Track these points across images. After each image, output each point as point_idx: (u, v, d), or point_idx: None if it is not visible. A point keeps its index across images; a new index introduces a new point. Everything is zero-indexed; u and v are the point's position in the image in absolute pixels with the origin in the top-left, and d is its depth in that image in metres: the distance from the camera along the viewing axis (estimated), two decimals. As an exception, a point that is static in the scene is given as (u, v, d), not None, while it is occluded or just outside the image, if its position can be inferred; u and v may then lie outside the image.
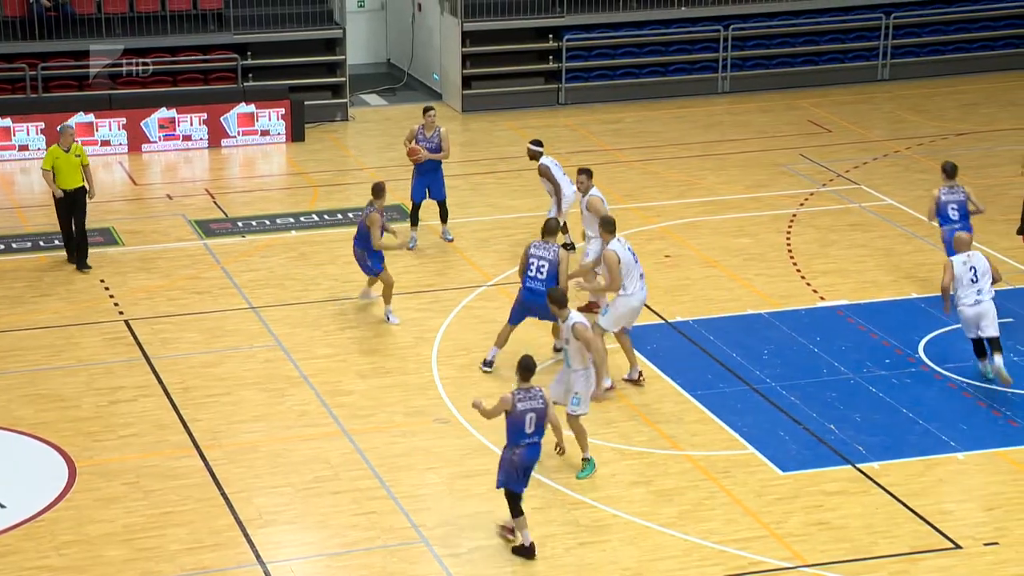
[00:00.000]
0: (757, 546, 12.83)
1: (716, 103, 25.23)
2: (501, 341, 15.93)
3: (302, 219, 20.41)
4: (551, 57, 25.46)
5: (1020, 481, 13.75)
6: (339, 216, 20.47)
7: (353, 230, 17.29)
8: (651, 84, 25.73)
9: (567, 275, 15.52)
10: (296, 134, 23.58)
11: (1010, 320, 16.94)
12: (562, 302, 13.93)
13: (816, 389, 15.53)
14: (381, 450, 14.47)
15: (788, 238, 19.36)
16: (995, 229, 19.43)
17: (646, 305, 16.15)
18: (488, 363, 15.95)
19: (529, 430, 12.59)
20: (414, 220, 19.27)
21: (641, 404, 15.28)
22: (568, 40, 25.31)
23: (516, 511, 12.71)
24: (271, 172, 22.86)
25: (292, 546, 13.00)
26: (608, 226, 15.39)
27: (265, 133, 23.46)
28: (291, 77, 24.34)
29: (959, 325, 16.13)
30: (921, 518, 13.20)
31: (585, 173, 16.92)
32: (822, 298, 17.70)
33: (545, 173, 18.49)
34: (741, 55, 25.85)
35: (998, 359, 15.18)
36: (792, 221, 20.06)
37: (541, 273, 15.40)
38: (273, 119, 23.45)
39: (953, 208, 17.32)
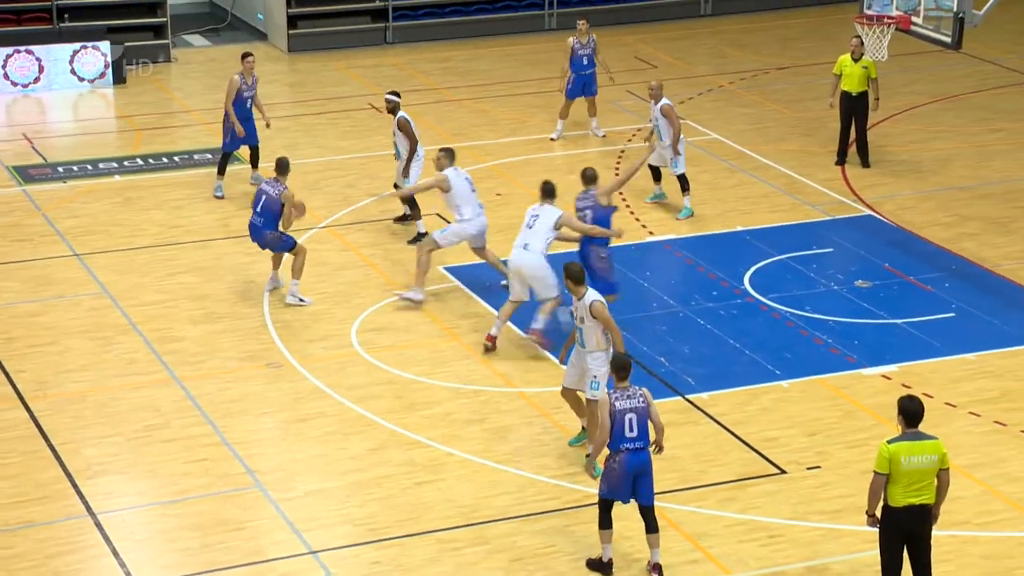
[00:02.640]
0: (590, 480, 13.03)
1: (544, 40, 25.29)
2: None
3: (126, 163, 19.97)
4: (377, -5, 25.23)
5: (839, 407, 14.18)
6: (164, 160, 20.07)
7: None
8: (479, 22, 25.68)
9: (581, 229, 15.06)
10: (117, 76, 23.01)
11: (830, 250, 17.40)
12: (578, 278, 13.05)
13: (647, 323, 15.76)
14: (213, 396, 14.32)
15: (617, 174, 19.54)
16: (816, 162, 19.88)
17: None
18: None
19: (630, 433, 11.47)
20: (222, 169, 18.85)
21: (475, 342, 15.35)
22: (394, -22, 25.09)
23: (604, 521, 11.60)
24: (92, 116, 22.30)
25: (123, 496, 12.82)
26: (449, 155, 16.04)
27: (84, 76, 22.84)
28: (110, 18, 23.72)
29: (783, 256, 16.57)
30: (748, 445, 13.54)
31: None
32: (651, 233, 17.94)
33: (404, 128, 17.63)
34: (568, -9, 25.95)
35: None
36: (620, 157, 20.25)
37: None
38: (92, 61, 22.83)
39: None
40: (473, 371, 14.84)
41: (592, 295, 13.05)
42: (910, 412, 10.61)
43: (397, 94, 17.95)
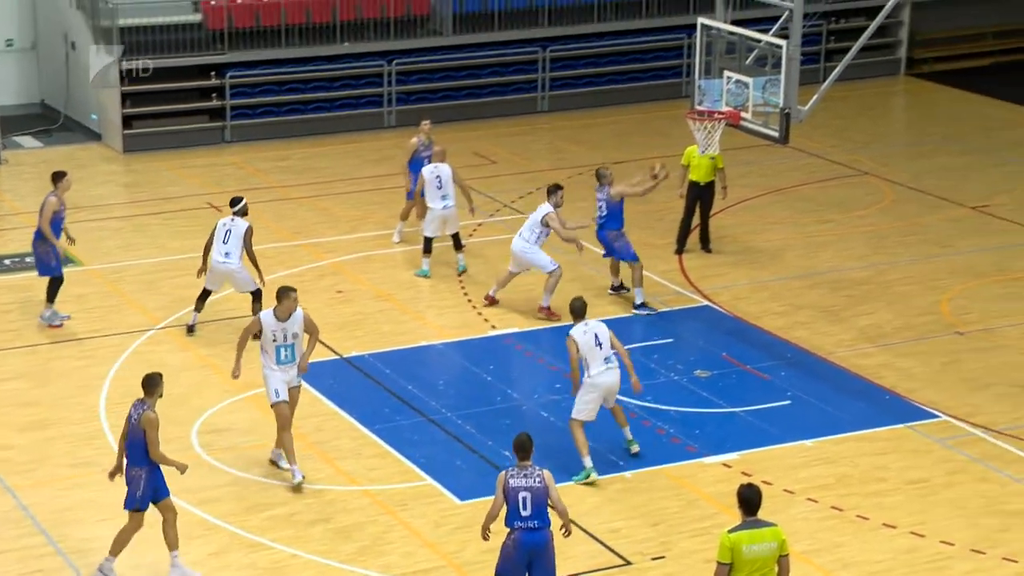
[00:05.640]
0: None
1: (384, 137, 25.42)
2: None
3: (-45, 267, 19.48)
4: (214, 94, 25.12)
5: (682, 496, 14.32)
6: (-5, 263, 19.63)
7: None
8: (318, 120, 25.73)
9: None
10: (-54, 178, 22.51)
11: (670, 340, 17.66)
12: (578, 312, 14.59)
13: (491, 417, 15.78)
14: (47, 505, 13.91)
15: (458, 263, 19.62)
16: (655, 254, 20.22)
17: (321, 341, 16.08)
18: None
19: (524, 512, 11.44)
20: (52, 296, 17.73)
21: (318, 441, 15.20)
22: (232, 77, 25.04)
23: None
24: (-81, 219, 21.74)
25: (-47, 613, 12.35)
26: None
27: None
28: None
29: (625, 347, 16.77)
30: (593, 537, 13.57)
31: None
32: (493, 327, 18.02)
33: None
34: (406, 89, 26.14)
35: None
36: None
37: None
38: (-80, 163, 22.29)
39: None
40: (317, 470, 14.65)
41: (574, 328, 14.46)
42: (748, 500, 10.75)
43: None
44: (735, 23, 18.12)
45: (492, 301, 18.45)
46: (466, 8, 26.55)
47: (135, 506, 12.63)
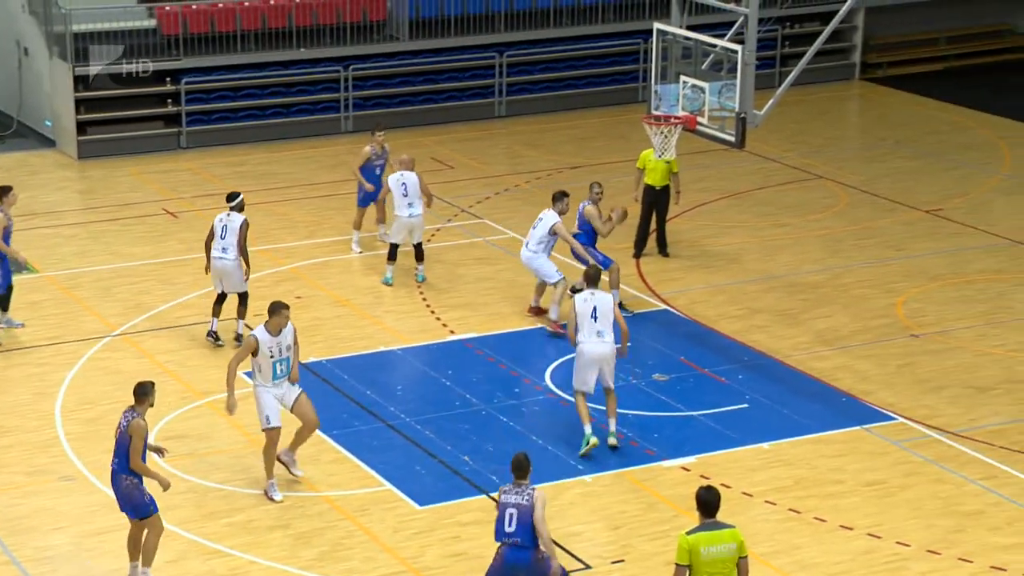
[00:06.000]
0: (397, 582, 12.93)
1: (341, 143, 25.37)
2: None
3: (-93, 275, 19.27)
4: (170, 100, 25.01)
5: (641, 499, 14.36)
6: (-51, 270, 19.42)
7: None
8: (275, 125, 25.66)
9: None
10: (-102, 185, 22.26)
11: (628, 344, 17.67)
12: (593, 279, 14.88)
13: (450, 422, 15.77)
14: (1, 513, 13.78)
15: (417, 273, 19.61)
16: (613, 258, 20.21)
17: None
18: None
19: (508, 528, 11.51)
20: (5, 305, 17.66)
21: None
22: (187, 83, 24.93)
23: None
24: None
25: (-93, 623, 12.22)
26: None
27: None
28: None
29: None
30: (553, 541, 13.55)
31: None
32: (452, 332, 18.02)
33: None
34: (362, 95, 26.11)
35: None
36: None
37: None
38: None
39: None
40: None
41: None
42: (707, 502, 10.79)
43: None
44: (691, 28, 18.20)
45: (538, 311, 18.17)
46: (423, 13, 26.55)
47: (148, 511, 12.43)
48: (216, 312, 17.37)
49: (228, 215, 17.19)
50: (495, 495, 11.71)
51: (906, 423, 15.89)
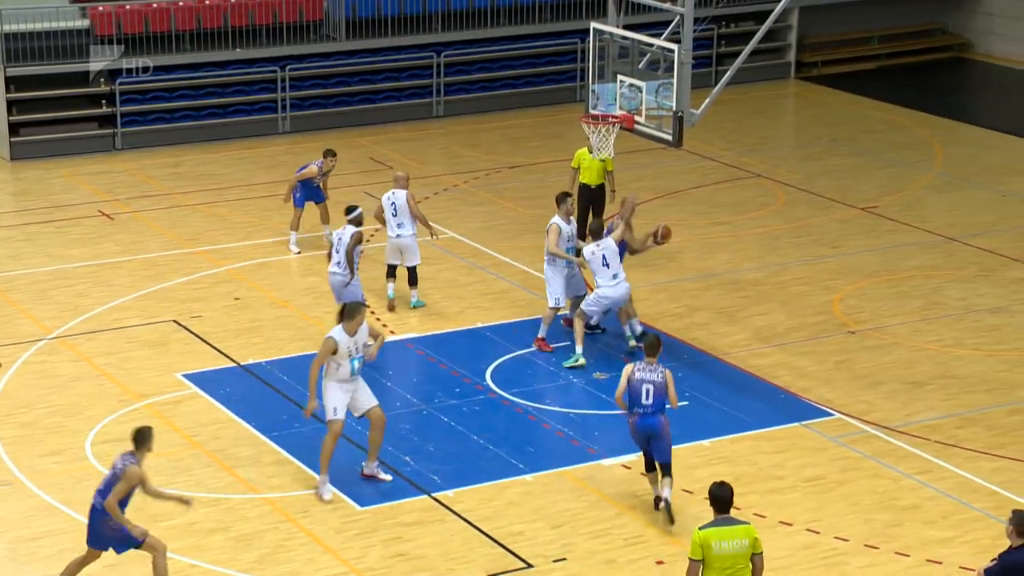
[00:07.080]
0: (339, 583, 12.88)
1: (278, 143, 25.26)
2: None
3: None
4: (104, 101, 24.79)
5: (583, 498, 14.40)
6: None
7: None
8: (211, 126, 25.50)
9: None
10: None
11: (567, 343, 17.73)
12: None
13: (390, 422, 15.67)
14: (-62, 520, 13.63)
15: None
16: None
17: (217, 349, 15.95)
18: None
19: (646, 401, 13.61)
20: None
21: (217, 449, 15.05)
22: (121, 84, 24.72)
23: (648, 466, 14.03)
24: None
25: None
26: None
27: None
28: None
29: (523, 351, 16.81)
30: (495, 541, 13.59)
31: None
32: (392, 332, 17.98)
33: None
34: (300, 95, 26.01)
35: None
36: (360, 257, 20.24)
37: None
38: None
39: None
40: (216, 478, 14.52)
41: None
42: (719, 498, 10.87)
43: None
44: (627, 28, 18.28)
45: (569, 322, 17.66)
46: (359, 13, 26.47)
47: (143, 539, 12.21)
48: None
49: (344, 228, 17.35)
50: (627, 370, 13.67)
51: (844, 419, 16.05)
